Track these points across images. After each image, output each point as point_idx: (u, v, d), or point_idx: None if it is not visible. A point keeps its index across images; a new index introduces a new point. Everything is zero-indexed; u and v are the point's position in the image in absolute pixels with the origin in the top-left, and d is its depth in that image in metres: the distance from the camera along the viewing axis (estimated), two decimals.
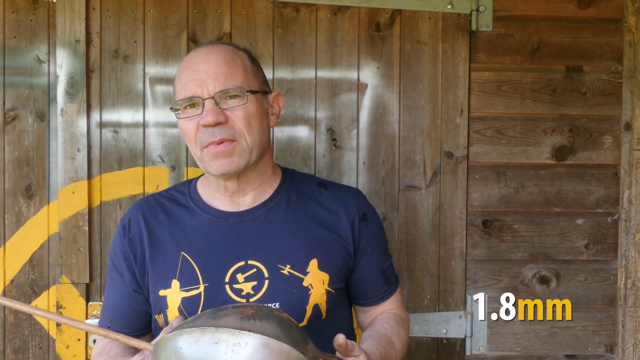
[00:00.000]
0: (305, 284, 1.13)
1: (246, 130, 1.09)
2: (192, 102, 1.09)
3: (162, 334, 0.95)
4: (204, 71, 1.08)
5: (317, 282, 1.13)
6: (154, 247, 1.16)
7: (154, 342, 0.91)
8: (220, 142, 1.08)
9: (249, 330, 0.82)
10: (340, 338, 0.94)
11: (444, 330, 1.70)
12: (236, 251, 1.13)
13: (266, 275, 1.12)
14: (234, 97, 1.08)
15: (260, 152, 1.13)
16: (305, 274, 1.13)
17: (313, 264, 1.14)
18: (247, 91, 1.09)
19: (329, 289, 1.15)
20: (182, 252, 1.14)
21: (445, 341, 1.71)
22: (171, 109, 1.14)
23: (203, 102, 1.07)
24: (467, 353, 1.71)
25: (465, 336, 1.71)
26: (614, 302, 1.73)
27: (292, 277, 1.12)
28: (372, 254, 1.22)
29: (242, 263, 1.12)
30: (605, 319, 1.73)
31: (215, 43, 1.17)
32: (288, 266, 1.12)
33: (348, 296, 1.26)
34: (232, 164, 1.09)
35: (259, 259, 1.13)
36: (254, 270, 1.12)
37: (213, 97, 1.07)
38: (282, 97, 1.21)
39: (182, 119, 1.11)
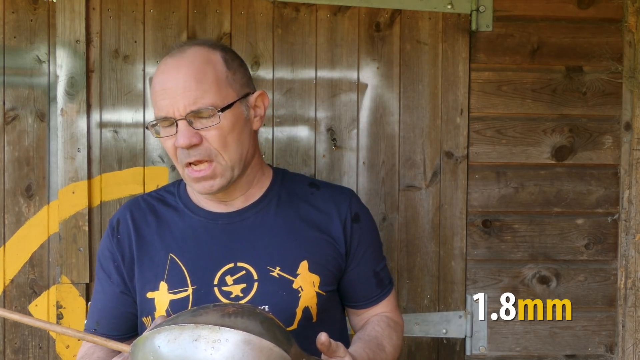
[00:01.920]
0: (295, 286, 1.11)
1: (222, 149, 1.06)
2: (167, 122, 1.07)
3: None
4: (173, 89, 1.04)
5: (307, 284, 1.11)
6: (142, 248, 1.14)
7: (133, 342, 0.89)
8: (197, 162, 1.06)
9: (230, 327, 0.79)
10: (322, 336, 0.92)
11: (444, 330, 1.70)
12: (225, 253, 1.12)
13: (255, 277, 1.10)
14: (207, 116, 1.05)
15: (243, 165, 1.11)
16: (295, 276, 1.11)
17: (303, 265, 1.12)
18: (219, 110, 1.04)
19: (320, 291, 1.13)
20: (170, 254, 1.12)
21: (445, 341, 1.71)
22: (147, 128, 1.11)
23: (176, 122, 1.05)
24: (467, 353, 1.71)
25: (465, 336, 1.71)
26: (614, 302, 1.73)
27: (281, 279, 1.10)
28: (364, 256, 1.20)
29: (231, 265, 1.11)
30: (605, 319, 1.73)
31: (185, 47, 1.09)
32: (278, 268, 1.11)
33: (340, 299, 1.24)
34: (213, 186, 1.08)
35: (248, 261, 1.11)
36: (243, 272, 1.10)
37: (185, 118, 1.04)
38: (266, 96, 1.16)
39: (162, 137, 1.09)
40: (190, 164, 1.07)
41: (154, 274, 1.12)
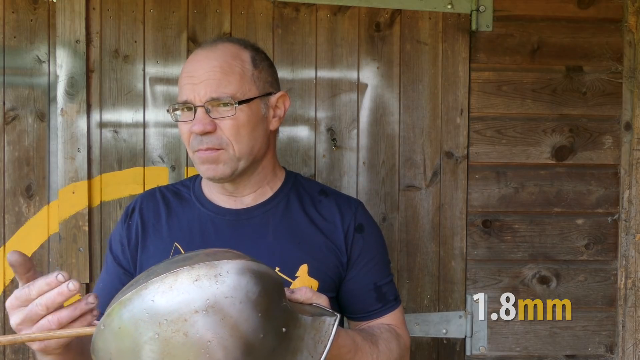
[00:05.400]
0: (292, 288, 1.11)
1: (234, 139, 1.09)
2: (187, 107, 1.10)
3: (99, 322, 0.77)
4: (198, 77, 1.08)
5: None
6: (150, 236, 1.17)
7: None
8: (207, 149, 1.09)
9: (225, 259, 0.75)
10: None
11: (444, 330, 1.70)
12: (228, 248, 1.12)
13: None
14: (226, 105, 1.08)
15: (251, 160, 1.13)
16: (294, 278, 1.11)
17: (303, 269, 1.12)
18: (237, 102, 1.08)
19: None
20: (175, 243, 1.14)
21: (445, 341, 1.71)
22: (168, 110, 1.14)
23: (195, 108, 1.08)
24: (467, 353, 1.71)
25: (465, 336, 1.71)
26: (614, 302, 1.73)
27: None
28: (365, 267, 1.18)
29: None
30: (605, 319, 1.73)
31: (218, 42, 1.15)
32: (277, 269, 1.10)
33: (341, 309, 1.22)
34: (217, 170, 1.10)
35: None
36: None
37: (203, 106, 1.08)
38: (288, 98, 1.19)
39: (179, 121, 1.13)
40: (198, 150, 1.10)
41: (157, 261, 1.13)
